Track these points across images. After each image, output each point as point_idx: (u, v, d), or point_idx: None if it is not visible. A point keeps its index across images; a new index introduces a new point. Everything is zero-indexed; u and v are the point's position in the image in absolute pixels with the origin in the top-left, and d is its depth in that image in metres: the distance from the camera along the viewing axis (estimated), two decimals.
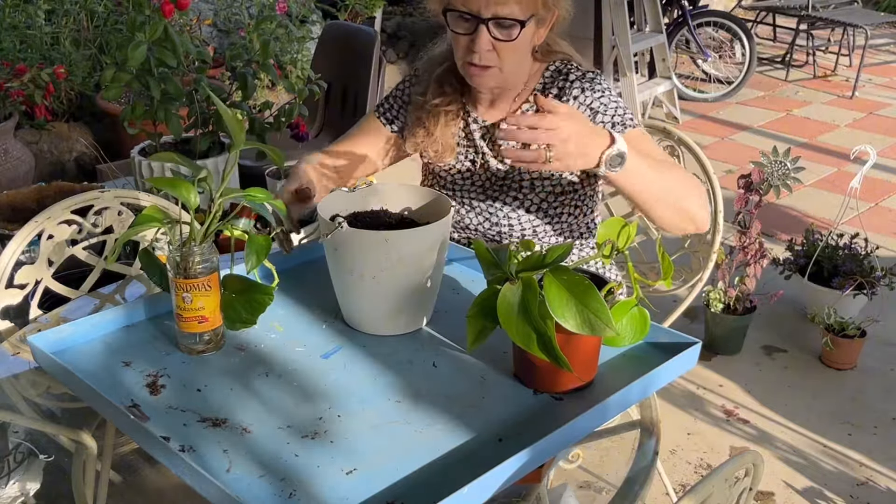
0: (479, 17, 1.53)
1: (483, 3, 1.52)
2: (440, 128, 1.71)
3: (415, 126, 1.74)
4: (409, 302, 1.37)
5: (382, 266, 1.32)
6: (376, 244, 1.31)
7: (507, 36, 1.55)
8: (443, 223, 1.36)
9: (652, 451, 1.27)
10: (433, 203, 1.48)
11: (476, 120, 1.73)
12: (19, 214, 2.57)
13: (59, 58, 4.02)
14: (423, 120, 1.72)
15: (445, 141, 1.72)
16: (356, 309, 1.39)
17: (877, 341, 3.01)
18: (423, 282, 1.36)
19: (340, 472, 1.07)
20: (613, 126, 1.60)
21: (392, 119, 1.81)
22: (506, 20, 1.53)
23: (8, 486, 1.16)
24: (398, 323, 1.38)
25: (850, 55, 6.56)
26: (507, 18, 1.53)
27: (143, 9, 2.31)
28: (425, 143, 1.73)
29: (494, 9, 1.52)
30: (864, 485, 2.36)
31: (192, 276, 1.26)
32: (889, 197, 4.32)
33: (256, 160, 2.94)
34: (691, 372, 2.76)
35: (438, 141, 1.72)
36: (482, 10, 1.52)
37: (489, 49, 1.56)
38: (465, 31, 1.56)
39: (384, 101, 1.84)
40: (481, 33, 1.54)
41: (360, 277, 1.33)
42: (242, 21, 4.73)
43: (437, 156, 1.74)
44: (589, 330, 1.12)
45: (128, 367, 1.29)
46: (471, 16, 1.54)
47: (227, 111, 1.24)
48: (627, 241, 1.33)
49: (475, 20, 1.54)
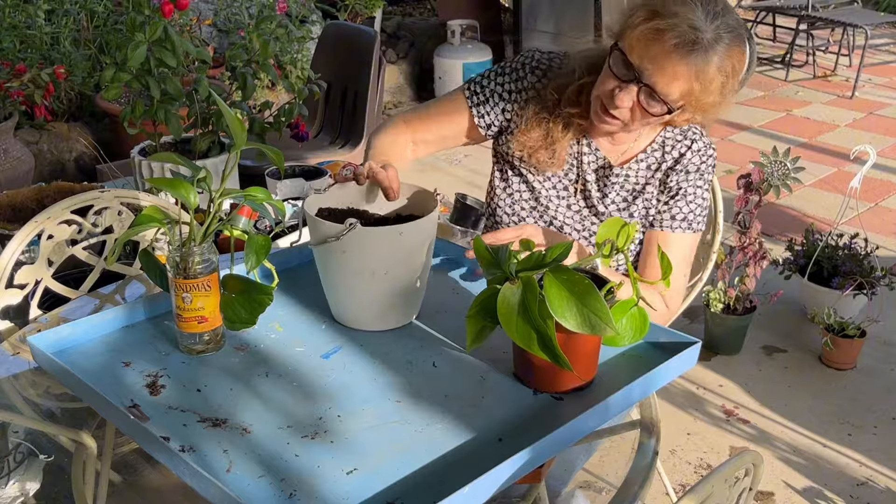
0: (638, 75, 1.46)
1: (650, 69, 1.45)
2: (559, 134, 1.62)
3: (533, 125, 1.64)
4: (410, 294, 1.38)
5: (394, 260, 1.33)
6: (390, 239, 1.31)
7: (650, 107, 1.49)
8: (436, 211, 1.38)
9: (652, 451, 1.27)
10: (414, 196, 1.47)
11: (590, 145, 1.66)
12: (19, 214, 2.57)
13: (59, 58, 4.02)
14: (546, 122, 1.63)
15: (561, 152, 1.64)
16: (362, 308, 1.38)
17: (877, 341, 3.01)
18: (426, 269, 1.38)
19: (340, 472, 1.07)
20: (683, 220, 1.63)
21: (490, 123, 1.71)
22: (658, 95, 1.46)
23: (8, 486, 1.16)
24: (399, 316, 1.40)
25: (850, 55, 6.56)
26: (659, 95, 1.46)
27: (142, 9, 2.31)
28: (538, 147, 1.64)
29: (656, 79, 1.45)
30: (864, 485, 2.36)
31: (191, 276, 1.26)
32: (889, 197, 4.32)
33: (256, 160, 2.95)
34: (691, 372, 2.76)
35: (556, 150, 1.63)
36: (644, 73, 1.45)
37: (629, 107, 1.50)
38: (619, 76, 1.48)
39: (482, 95, 1.71)
40: (629, 90, 1.47)
41: (371, 275, 1.33)
42: (242, 21, 4.73)
43: (543, 164, 1.65)
44: (589, 329, 1.12)
45: (128, 367, 1.28)
46: (633, 69, 1.46)
47: (228, 111, 1.24)
48: (626, 240, 1.33)
49: (634, 75, 1.46)
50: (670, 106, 1.48)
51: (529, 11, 5.76)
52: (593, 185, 1.67)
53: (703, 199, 1.65)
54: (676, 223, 1.64)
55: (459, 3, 5.91)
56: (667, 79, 1.45)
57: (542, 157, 1.65)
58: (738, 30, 1.48)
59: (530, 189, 1.71)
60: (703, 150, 1.64)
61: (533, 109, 1.65)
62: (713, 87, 1.48)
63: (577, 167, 1.67)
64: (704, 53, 1.43)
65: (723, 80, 1.48)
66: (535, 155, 1.65)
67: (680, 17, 1.43)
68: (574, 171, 1.68)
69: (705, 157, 1.64)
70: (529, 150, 1.65)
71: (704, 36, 1.43)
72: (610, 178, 1.66)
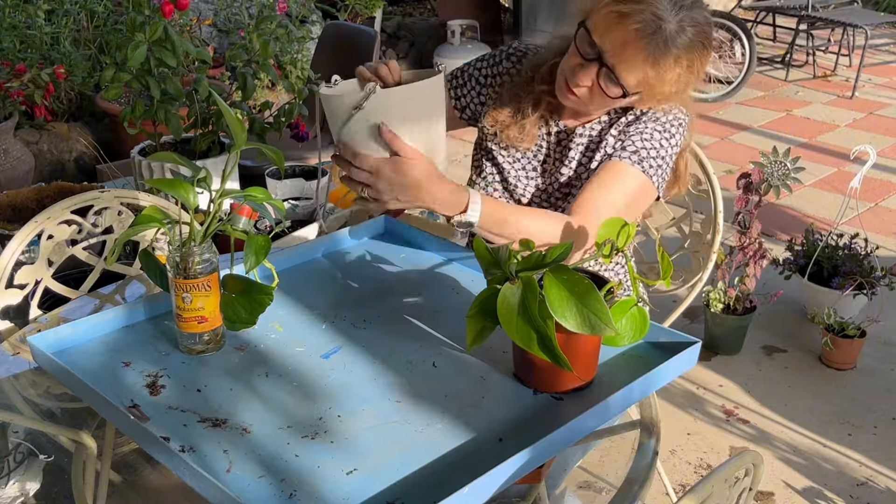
0: (601, 56, 1.49)
1: (611, 51, 1.47)
2: (532, 114, 1.66)
3: (506, 102, 1.68)
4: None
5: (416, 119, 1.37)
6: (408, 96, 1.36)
7: (607, 89, 1.51)
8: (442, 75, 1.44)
9: (652, 451, 1.27)
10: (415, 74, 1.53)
11: (559, 124, 1.68)
12: (19, 214, 2.57)
13: (59, 58, 4.02)
14: (520, 99, 1.67)
15: (531, 128, 1.67)
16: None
17: (877, 341, 3.01)
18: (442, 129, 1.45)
19: (340, 472, 1.07)
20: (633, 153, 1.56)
21: (459, 96, 1.78)
22: (616, 78, 1.48)
23: (8, 486, 1.16)
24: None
25: (849, 55, 6.56)
26: (618, 78, 1.48)
27: (142, 9, 2.31)
28: (509, 123, 1.68)
29: (616, 62, 1.47)
30: (864, 485, 2.36)
31: (191, 276, 1.26)
32: (889, 197, 4.32)
33: (256, 160, 2.95)
34: (691, 372, 2.76)
35: (525, 126, 1.66)
36: (606, 55, 1.48)
37: (587, 85, 1.52)
38: (583, 54, 1.51)
39: (459, 73, 1.79)
40: (590, 70, 1.50)
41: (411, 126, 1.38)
42: (242, 21, 4.73)
43: (514, 139, 1.68)
44: (589, 329, 1.12)
45: (128, 367, 1.28)
46: (596, 48, 1.49)
47: (228, 111, 1.24)
48: (627, 240, 1.33)
49: (596, 54, 1.49)
50: (626, 90, 1.50)
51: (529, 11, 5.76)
52: (558, 157, 1.68)
53: (660, 145, 1.58)
54: (626, 154, 1.57)
55: (459, 3, 5.91)
56: (626, 63, 1.47)
57: (512, 133, 1.68)
58: (703, 26, 1.49)
59: (500, 171, 1.73)
60: (668, 111, 1.61)
61: (507, 89, 1.70)
62: (669, 78, 1.49)
63: (547, 147, 1.69)
64: (664, 43, 1.45)
65: (680, 73, 1.49)
66: (507, 131, 1.68)
67: (646, 4, 1.45)
68: (543, 151, 1.70)
69: (670, 116, 1.61)
70: (501, 125, 1.69)
71: (667, 26, 1.44)
72: (573, 139, 1.66)
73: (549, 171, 1.70)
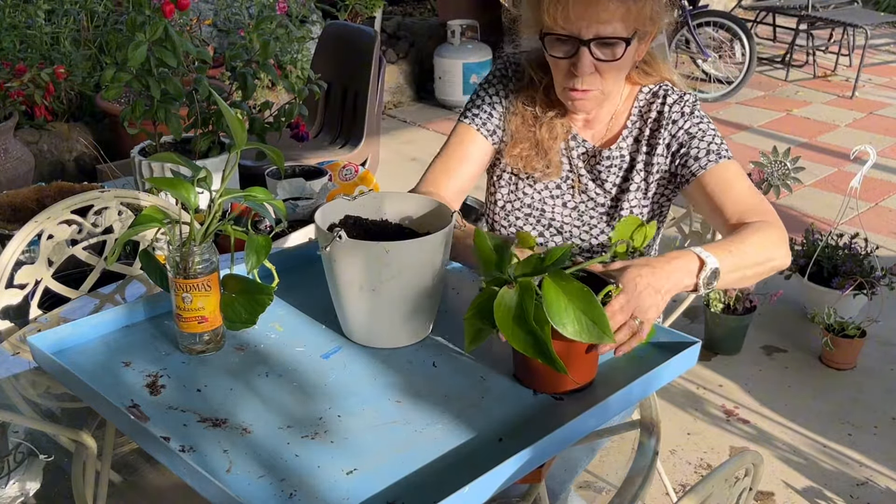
0: (579, 39, 1.45)
1: (584, 25, 1.43)
2: (550, 142, 1.60)
3: (518, 138, 1.63)
4: (410, 313, 1.32)
5: (383, 277, 1.27)
6: (377, 255, 1.25)
7: (612, 55, 1.47)
8: (444, 233, 1.30)
9: (652, 450, 1.27)
10: (434, 212, 1.41)
11: (575, 137, 1.64)
12: (19, 214, 2.57)
13: (59, 58, 4.02)
14: (533, 132, 1.61)
15: (554, 157, 1.61)
16: (357, 322, 1.34)
17: (877, 341, 3.01)
18: (425, 292, 1.31)
19: (340, 472, 1.07)
20: (708, 154, 1.54)
21: (493, 131, 1.67)
22: (609, 39, 1.45)
23: (8, 486, 1.16)
24: (401, 335, 1.34)
25: (850, 55, 6.56)
26: (610, 38, 1.44)
27: (143, 9, 2.31)
28: (531, 157, 1.62)
29: (596, 28, 1.43)
30: (864, 485, 2.36)
31: (191, 276, 1.26)
32: (889, 197, 4.32)
33: (256, 160, 2.95)
34: (691, 372, 2.76)
35: (548, 156, 1.61)
36: (583, 31, 1.44)
37: (592, 72, 1.48)
38: (564, 54, 1.48)
39: (478, 110, 1.68)
40: (583, 56, 1.46)
41: (359, 290, 1.29)
42: (242, 21, 4.73)
43: (540, 174, 1.63)
44: (587, 337, 1.12)
45: (128, 367, 1.29)
46: (570, 38, 1.45)
47: (228, 111, 1.24)
48: (644, 240, 1.33)
49: (575, 42, 1.45)
50: (626, 39, 1.46)
51: None
52: (587, 175, 1.65)
53: (713, 129, 1.58)
54: (707, 159, 1.55)
55: (459, 3, 5.91)
56: (600, 19, 1.43)
57: (537, 166, 1.63)
58: None
59: (521, 197, 1.69)
60: (679, 99, 1.60)
61: (515, 124, 1.64)
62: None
63: (569, 163, 1.66)
64: None
65: None
66: (531, 164, 1.63)
67: None
68: (568, 172, 1.67)
69: (683, 103, 1.60)
70: (523, 160, 1.64)
71: None
72: (602, 162, 1.64)
73: (580, 191, 1.66)
